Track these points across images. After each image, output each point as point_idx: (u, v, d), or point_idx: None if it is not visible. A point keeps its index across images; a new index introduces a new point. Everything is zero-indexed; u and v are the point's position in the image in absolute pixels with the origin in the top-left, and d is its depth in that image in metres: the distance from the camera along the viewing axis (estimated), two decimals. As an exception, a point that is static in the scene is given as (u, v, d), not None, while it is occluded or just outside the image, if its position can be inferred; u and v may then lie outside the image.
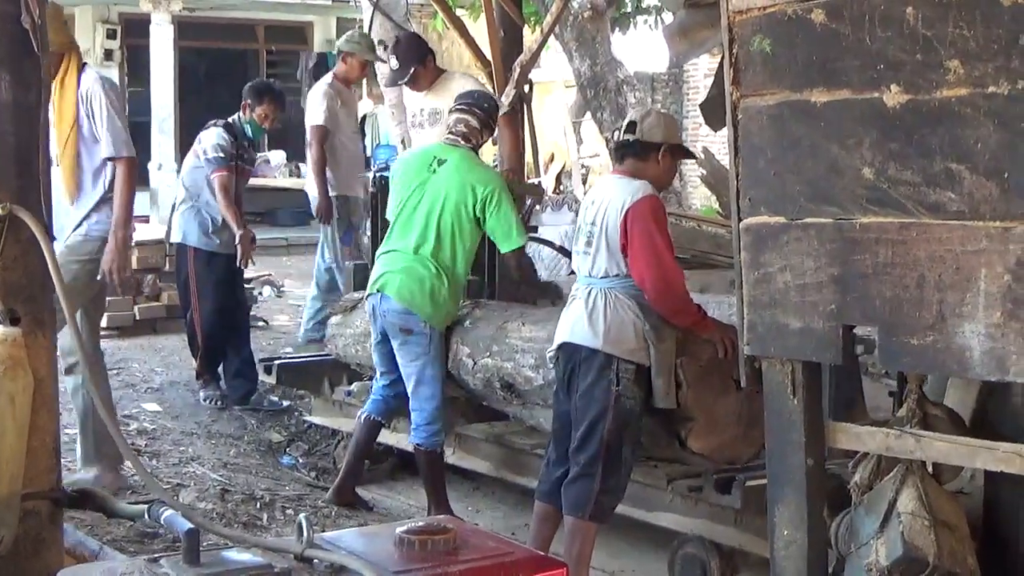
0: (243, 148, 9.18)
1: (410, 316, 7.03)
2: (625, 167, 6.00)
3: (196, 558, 3.52)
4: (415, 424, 7.16)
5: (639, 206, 5.79)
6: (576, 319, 5.95)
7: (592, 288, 5.93)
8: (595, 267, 5.92)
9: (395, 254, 7.17)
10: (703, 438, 6.02)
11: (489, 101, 7.50)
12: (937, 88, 3.75)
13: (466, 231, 7.02)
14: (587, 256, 5.96)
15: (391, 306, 7.08)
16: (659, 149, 5.94)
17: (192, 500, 6.89)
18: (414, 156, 7.55)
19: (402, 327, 7.07)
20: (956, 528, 4.26)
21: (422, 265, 7.02)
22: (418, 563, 3.64)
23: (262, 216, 19.35)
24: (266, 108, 9.22)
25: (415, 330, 7.04)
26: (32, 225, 3.99)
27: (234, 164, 9.03)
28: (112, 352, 10.52)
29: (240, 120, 9.23)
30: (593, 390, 5.85)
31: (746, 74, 4.20)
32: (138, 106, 20.92)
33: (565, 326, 6.02)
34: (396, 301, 7.05)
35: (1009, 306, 3.67)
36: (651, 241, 5.77)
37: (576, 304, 5.99)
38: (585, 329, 5.89)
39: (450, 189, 7.02)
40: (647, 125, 5.97)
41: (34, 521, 4.08)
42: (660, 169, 5.99)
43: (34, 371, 4.00)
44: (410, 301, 7.02)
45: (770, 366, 4.30)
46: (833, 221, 4.02)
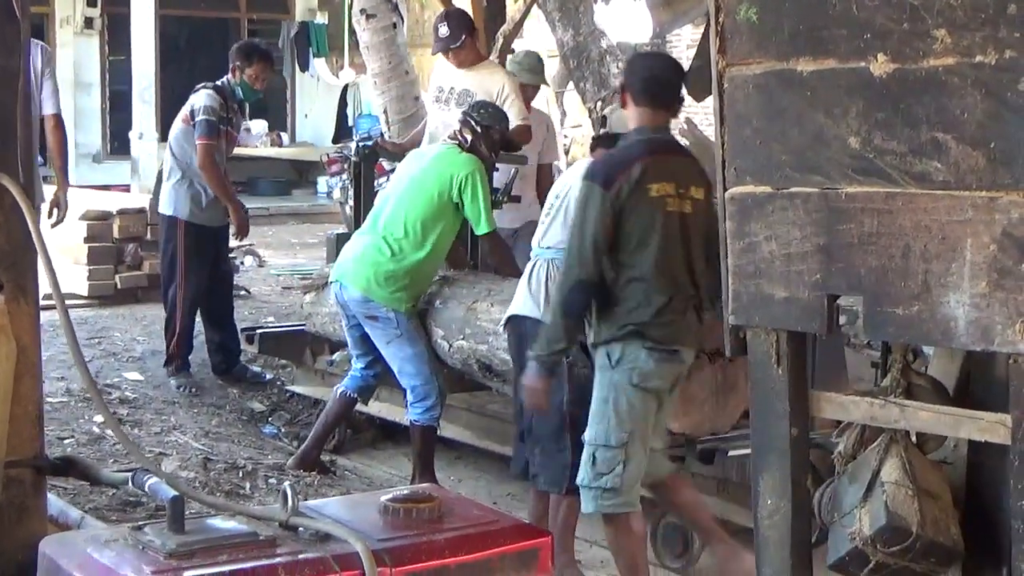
0: (232, 112, 9.04)
1: (370, 303, 7.15)
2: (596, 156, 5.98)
3: (181, 526, 3.53)
4: (409, 402, 7.24)
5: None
6: (520, 292, 6.03)
7: (538, 259, 6.00)
8: (546, 237, 5.99)
9: (356, 240, 7.38)
10: (681, 417, 6.03)
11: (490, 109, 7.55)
12: (924, 57, 3.74)
13: (440, 216, 7.14)
14: (541, 226, 6.04)
15: (350, 295, 7.22)
16: None
17: (174, 469, 6.88)
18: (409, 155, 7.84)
19: (366, 314, 7.20)
20: (939, 497, 4.26)
21: (378, 251, 7.13)
22: (403, 531, 3.65)
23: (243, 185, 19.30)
24: (256, 68, 9.02)
25: (379, 316, 7.16)
26: (14, 191, 3.97)
27: (225, 128, 8.90)
28: (93, 321, 10.51)
29: (230, 83, 9.01)
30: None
31: (732, 43, 4.18)
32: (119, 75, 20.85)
33: (513, 300, 6.11)
34: (354, 289, 7.18)
35: (994, 276, 3.66)
36: None
37: (522, 278, 6.08)
38: (527, 300, 5.97)
39: (427, 176, 7.19)
40: (615, 118, 5.98)
41: (17, 489, 4.07)
42: None
43: (17, 338, 3.98)
44: (366, 288, 7.13)
45: (755, 336, 4.29)
46: (819, 190, 4.01)
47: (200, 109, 8.76)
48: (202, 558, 3.40)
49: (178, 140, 8.94)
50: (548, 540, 3.79)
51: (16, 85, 4.07)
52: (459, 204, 7.12)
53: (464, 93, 8.68)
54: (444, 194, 7.09)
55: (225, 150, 8.96)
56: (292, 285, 13.17)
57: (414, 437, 7.26)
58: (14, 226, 4.02)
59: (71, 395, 8.00)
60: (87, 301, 11.26)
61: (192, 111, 8.82)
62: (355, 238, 7.47)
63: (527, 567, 3.69)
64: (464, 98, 8.64)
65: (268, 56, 9.32)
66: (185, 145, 8.84)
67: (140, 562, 3.37)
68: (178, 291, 8.90)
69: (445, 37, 8.74)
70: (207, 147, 8.72)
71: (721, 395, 6.07)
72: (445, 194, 7.09)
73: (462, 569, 3.58)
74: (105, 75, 21.43)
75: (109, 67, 21.45)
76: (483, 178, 7.19)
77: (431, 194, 7.11)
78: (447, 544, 3.60)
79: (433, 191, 7.11)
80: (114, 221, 11.56)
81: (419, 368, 7.09)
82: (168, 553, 3.40)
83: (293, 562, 3.41)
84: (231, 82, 9.01)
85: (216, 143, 8.76)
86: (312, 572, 3.40)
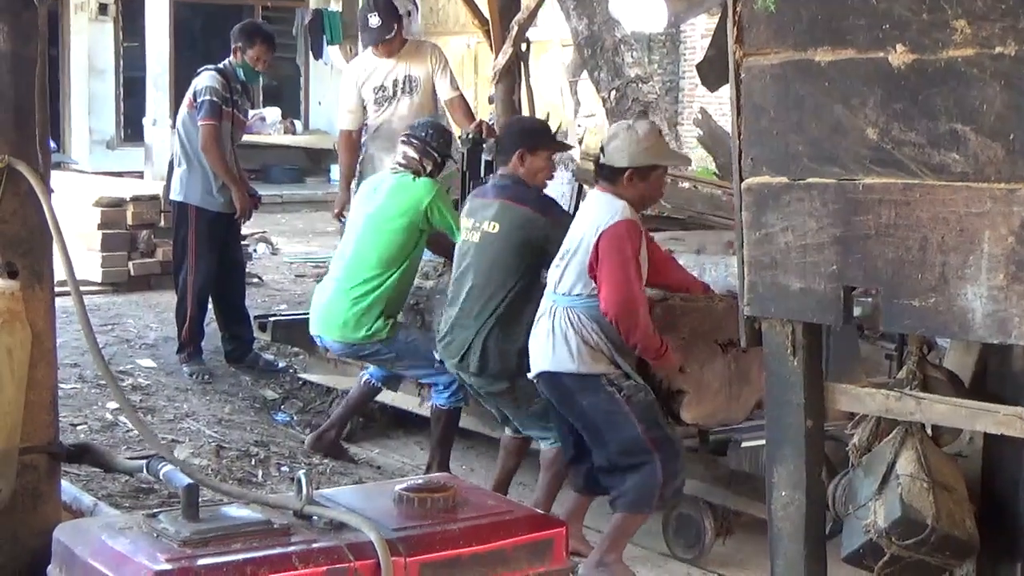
0: (236, 93, 8.97)
1: (352, 347, 7.28)
2: (602, 186, 5.91)
3: (195, 513, 3.53)
4: (434, 389, 7.29)
5: (613, 230, 5.71)
6: (546, 344, 5.90)
7: (556, 307, 5.89)
8: (562, 283, 5.88)
9: (327, 285, 7.46)
10: (695, 408, 6.02)
11: (429, 129, 7.50)
12: (943, 48, 3.72)
13: (406, 244, 7.19)
14: (557, 269, 5.93)
15: (332, 345, 7.41)
16: (624, 172, 5.79)
17: (187, 456, 6.88)
18: (362, 187, 7.79)
19: (355, 355, 7.41)
20: (955, 490, 4.25)
21: (345, 296, 7.21)
22: (418, 520, 3.65)
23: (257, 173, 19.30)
24: (258, 50, 8.95)
25: (367, 352, 7.27)
26: (30, 178, 3.97)
27: (229, 110, 8.86)
28: (107, 308, 10.51)
29: (232, 64, 8.94)
30: (600, 406, 5.81)
31: (749, 33, 4.17)
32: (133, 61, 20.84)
33: (539, 351, 5.95)
34: (331, 340, 7.33)
35: (1012, 268, 3.65)
36: (620, 268, 5.67)
37: (542, 325, 5.95)
38: (559, 355, 5.84)
39: (388, 212, 7.21)
40: (612, 148, 5.86)
41: (32, 475, 4.07)
42: (633, 190, 5.82)
43: (32, 325, 3.98)
44: (342, 336, 7.24)
45: (770, 327, 4.28)
46: (836, 182, 4.00)
47: (202, 90, 8.73)
48: (216, 546, 3.40)
49: (185, 125, 8.91)
50: (563, 530, 3.78)
51: (33, 72, 4.07)
52: (426, 229, 7.19)
53: (407, 80, 8.68)
54: (413, 224, 7.16)
55: (233, 133, 8.93)
56: (305, 273, 13.18)
57: (436, 421, 7.25)
58: (29, 212, 4.02)
59: (85, 381, 8.00)
60: (100, 288, 11.26)
61: (195, 93, 8.81)
62: (322, 286, 7.55)
63: (541, 557, 3.69)
64: (410, 84, 8.66)
65: (270, 37, 9.25)
66: (192, 129, 8.80)
67: (154, 549, 3.38)
68: (189, 277, 8.88)
69: (377, 28, 8.61)
70: (209, 128, 8.68)
71: (735, 386, 6.05)
72: (415, 224, 7.16)
73: (476, 559, 3.58)
74: (119, 61, 21.42)
75: (123, 53, 21.44)
76: (445, 196, 7.34)
77: (396, 227, 7.16)
78: (461, 534, 3.60)
79: (398, 224, 7.16)
80: (127, 208, 11.55)
81: (431, 367, 7.09)
82: (182, 541, 3.40)
83: (307, 551, 3.41)
84: (233, 63, 8.95)
85: (218, 124, 8.72)
86: (326, 561, 3.39)
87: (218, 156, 8.70)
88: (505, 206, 6.43)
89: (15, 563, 4.01)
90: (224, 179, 8.76)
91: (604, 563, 5.86)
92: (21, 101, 4.02)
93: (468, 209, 6.68)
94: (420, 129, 7.49)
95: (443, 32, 20.82)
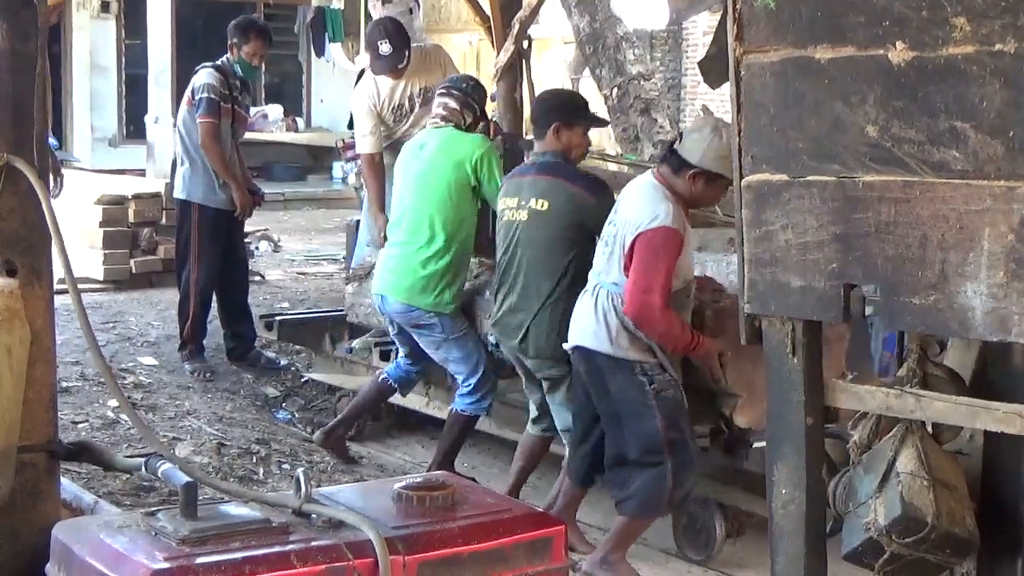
0: (235, 89, 8.97)
1: (412, 312, 7.05)
2: (663, 172, 5.78)
3: (194, 512, 3.52)
4: (458, 393, 7.18)
5: (652, 235, 5.59)
6: (587, 321, 5.82)
7: (600, 288, 5.81)
8: (606, 268, 5.79)
9: (391, 250, 7.24)
10: (748, 412, 5.97)
11: (468, 82, 7.39)
12: (943, 45, 3.72)
13: (462, 203, 7.01)
14: (603, 256, 5.83)
15: (393, 307, 7.12)
16: (690, 169, 5.67)
17: (188, 454, 6.89)
18: (405, 148, 7.50)
19: (410, 322, 7.12)
20: (955, 488, 4.25)
21: (414, 257, 7.03)
22: (416, 518, 3.64)
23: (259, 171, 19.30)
24: (253, 45, 8.95)
25: (424, 323, 7.06)
26: (29, 175, 3.97)
27: (229, 107, 8.86)
28: (108, 306, 10.53)
29: (229, 61, 8.95)
30: (627, 393, 5.75)
31: (749, 30, 4.16)
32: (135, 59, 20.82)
33: (579, 326, 5.89)
34: (395, 301, 7.09)
35: (1012, 266, 3.65)
36: (645, 274, 5.58)
37: (586, 301, 5.87)
38: (598, 334, 5.76)
39: (439, 167, 7.02)
40: (690, 141, 5.72)
41: (31, 474, 4.07)
42: (688, 188, 5.71)
43: (31, 323, 3.98)
44: (408, 298, 7.03)
45: (770, 324, 4.28)
46: (836, 179, 4.00)
47: (200, 88, 8.75)
48: (215, 544, 3.40)
49: (185, 123, 8.92)
50: (562, 529, 3.77)
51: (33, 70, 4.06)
52: (476, 186, 6.99)
53: (423, 92, 8.48)
54: (462, 180, 6.96)
55: (235, 129, 8.93)
56: (307, 270, 13.19)
57: (451, 426, 7.18)
58: (29, 210, 4.02)
59: (86, 379, 8.01)
60: (102, 285, 11.28)
61: (193, 91, 8.83)
62: (386, 250, 7.34)
63: (541, 555, 3.68)
64: (425, 96, 8.45)
65: (265, 32, 9.24)
66: (192, 127, 8.81)
67: (153, 548, 3.37)
68: (191, 275, 8.89)
69: (389, 55, 8.35)
70: (207, 125, 8.69)
71: None
72: (463, 180, 6.96)
73: (475, 557, 3.57)
74: (121, 59, 21.42)
75: (125, 51, 21.43)
76: (497, 156, 7.09)
77: (447, 184, 6.98)
78: (460, 532, 3.60)
79: (449, 180, 6.97)
80: (129, 205, 11.57)
81: (470, 365, 7.03)
82: (181, 539, 3.39)
83: (306, 549, 3.41)
84: (230, 60, 8.97)
85: (217, 122, 8.73)
86: (325, 559, 3.39)
87: (217, 153, 8.71)
88: (555, 184, 6.31)
89: (14, 561, 4.01)
90: (223, 176, 8.76)
91: (608, 561, 5.85)
92: (20, 99, 4.02)
93: (509, 188, 6.54)
94: (460, 81, 7.38)
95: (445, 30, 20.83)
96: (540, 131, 6.47)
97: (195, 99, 8.76)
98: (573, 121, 6.44)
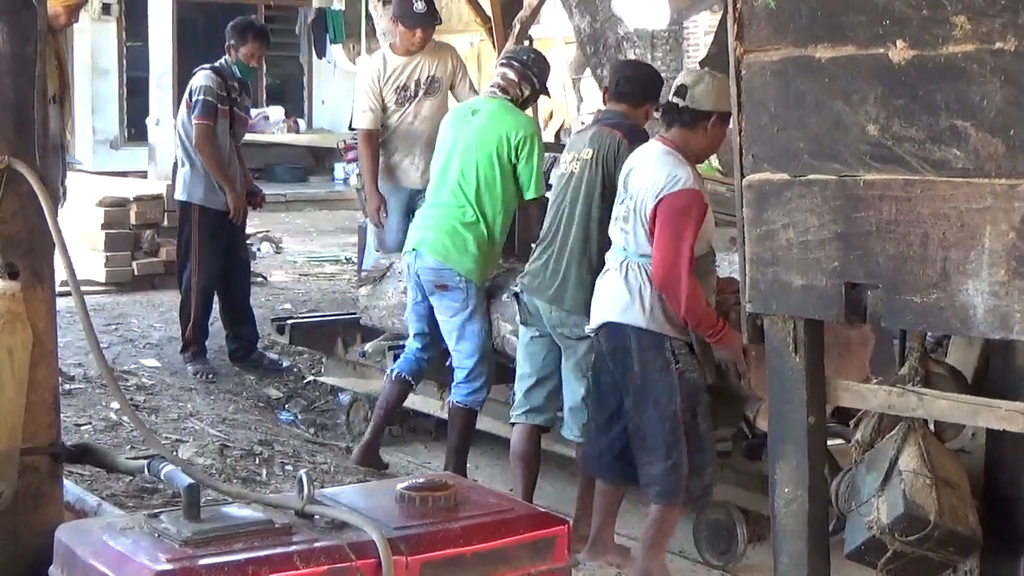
0: (234, 91, 8.98)
1: (444, 271, 6.97)
2: (672, 136, 5.74)
3: (196, 513, 3.52)
4: (456, 381, 7.09)
5: (674, 199, 5.55)
6: (617, 297, 5.74)
7: (628, 262, 5.73)
8: (634, 243, 5.71)
9: (429, 210, 7.16)
10: None
11: (530, 54, 7.35)
12: (943, 44, 3.72)
13: (502, 179, 6.94)
14: (624, 233, 5.75)
15: (425, 263, 7.03)
16: (710, 118, 5.66)
17: (191, 456, 6.89)
18: (456, 109, 7.48)
19: (437, 283, 7.00)
20: (958, 486, 4.25)
21: (454, 217, 6.96)
22: (419, 519, 3.64)
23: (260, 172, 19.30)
24: (251, 47, 8.99)
25: (450, 285, 6.96)
26: (31, 178, 3.96)
27: (227, 108, 8.87)
28: (111, 308, 10.53)
29: (227, 62, 8.99)
30: (651, 371, 5.68)
31: (750, 29, 4.17)
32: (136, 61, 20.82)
33: (605, 302, 5.81)
34: (430, 256, 7.00)
35: (1013, 264, 3.65)
36: (672, 242, 5.53)
37: (613, 278, 5.79)
38: (631, 308, 5.68)
39: (485, 138, 6.95)
40: (699, 92, 5.66)
41: (34, 476, 4.06)
42: (707, 138, 5.72)
43: (33, 325, 3.97)
44: (444, 255, 6.96)
45: (772, 323, 4.28)
46: (837, 178, 4.00)
47: (197, 90, 8.78)
48: (217, 546, 3.39)
49: (184, 125, 8.95)
50: (564, 528, 3.77)
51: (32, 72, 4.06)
52: (514, 165, 6.93)
53: (431, 81, 8.50)
54: (503, 155, 6.90)
55: (235, 131, 8.94)
56: (309, 271, 13.19)
57: (453, 420, 7.11)
58: (30, 213, 4.01)
59: (89, 381, 8.01)
60: (104, 288, 11.28)
61: (190, 93, 8.85)
62: (425, 210, 7.24)
63: (543, 555, 3.68)
64: (432, 85, 8.49)
65: (263, 33, 9.25)
66: (190, 129, 8.84)
67: (156, 550, 3.37)
68: (192, 276, 8.90)
69: (423, 13, 8.39)
70: (202, 127, 8.72)
71: None
72: (504, 155, 6.90)
73: (478, 557, 3.57)
74: (122, 61, 21.43)
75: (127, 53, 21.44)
76: (540, 141, 7.02)
77: (488, 156, 6.91)
78: (463, 532, 3.59)
79: (491, 152, 6.91)
80: (131, 208, 11.58)
81: (476, 347, 6.97)
82: (183, 541, 3.39)
83: (309, 550, 3.41)
84: (228, 62, 9.00)
85: (213, 124, 8.74)
86: (328, 560, 3.39)
87: (212, 155, 8.73)
88: (600, 131, 6.29)
89: (17, 564, 4.00)
90: (217, 178, 8.76)
91: (649, 571, 5.80)
92: (21, 101, 4.02)
93: (570, 144, 6.54)
94: (522, 53, 7.35)
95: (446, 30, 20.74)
96: (629, 99, 6.39)
97: (192, 101, 8.78)
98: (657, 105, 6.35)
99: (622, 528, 6.34)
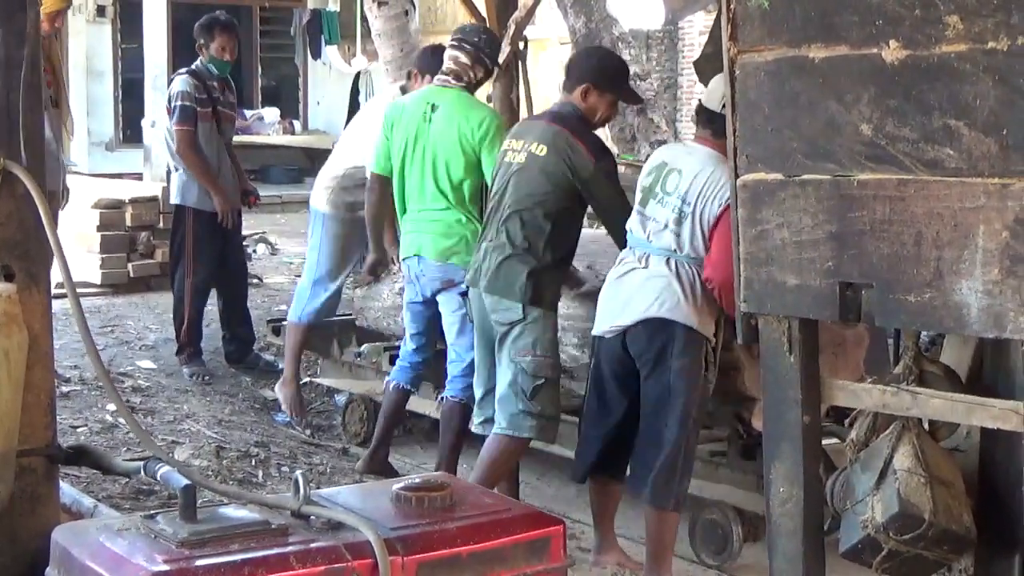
0: (215, 90, 8.99)
1: (449, 267, 6.91)
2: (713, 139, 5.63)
3: (193, 514, 3.53)
4: (451, 376, 7.02)
5: None
6: (666, 294, 5.65)
7: (677, 262, 5.66)
8: (689, 245, 5.64)
9: (421, 214, 7.03)
10: None
11: (481, 35, 7.19)
12: (936, 44, 3.72)
13: (477, 175, 6.86)
14: (675, 236, 5.65)
15: (428, 266, 6.97)
16: None
17: (187, 457, 6.90)
18: (408, 103, 7.16)
19: (443, 280, 6.95)
20: (952, 485, 4.26)
21: (443, 221, 6.91)
22: (415, 519, 3.65)
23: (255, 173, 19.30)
24: (220, 40, 8.99)
25: (456, 279, 6.87)
26: (26, 180, 3.97)
27: (209, 110, 8.88)
28: (106, 309, 10.54)
29: (202, 63, 9.01)
30: (684, 372, 5.64)
31: (743, 30, 4.17)
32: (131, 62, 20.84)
33: (651, 298, 5.68)
34: (432, 259, 6.94)
35: (1007, 263, 3.66)
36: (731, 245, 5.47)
37: (661, 273, 5.68)
38: (681, 306, 5.62)
39: (449, 140, 6.85)
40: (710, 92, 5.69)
41: (30, 478, 4.07)
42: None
43: (29, 327, 3.98)
44: (446, 255, 6.90)
45: (766, 323, 4.29)
46: (831, 178, 4.01)
47: (174, 96, 8.83)
48: (214, 547, 3.40)
49: (169, 131, 8.99)
50: (560, 528, 3.78)
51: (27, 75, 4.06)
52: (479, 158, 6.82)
53: None
54: (469, 153, 6.82)
55: (224, 129, 8.96)
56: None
57: (446, 416, 7.03)
58: (25, 215, 4.02)
59: (85, 383, 8.02)
60: (100, 289, 11.29)
61: (169, 99, 8.88)
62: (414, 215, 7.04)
63: (539, 555, 3.68)
64: None
65: (229, 25, 9.20)
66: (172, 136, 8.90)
67: (152, 551, 3.37)
68: (186, 279, 8.92)
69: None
70: (182, 132, 8.76)
71: None
72: (471, 152, 6.82)
73: (474, 557, 3.57)
74: (117, 63, 21.44)
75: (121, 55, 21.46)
76: (502, 129, 6.85)
77: (459, 156, 6.83)
78: (459, 532, 3.60)
79: (458, 152, 6.83)
80: (126, 209, 11.59)
81: (467, 348, 6.90)
82: (180, 542, 3.40)
83: (305, 551, 3.41)
84: (203, 62, 9.02)
85: (193, 128, 8.76)
86: (324, 561, 3.39)
87: (194, 161, 8.75)
88: (560, 134, 6.09)
89: (14, 565, 4.01)
90: (201, 182, 8.77)
91: None
92: (15, 104, 4.02)
93: (518, 131, 6.37)
94: (472, 33, 7.16)
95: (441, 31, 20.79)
96: (569, 84, 6.27)
97: (171, 107, 8.81)
98: (607, 88, 6.23)
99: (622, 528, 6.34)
